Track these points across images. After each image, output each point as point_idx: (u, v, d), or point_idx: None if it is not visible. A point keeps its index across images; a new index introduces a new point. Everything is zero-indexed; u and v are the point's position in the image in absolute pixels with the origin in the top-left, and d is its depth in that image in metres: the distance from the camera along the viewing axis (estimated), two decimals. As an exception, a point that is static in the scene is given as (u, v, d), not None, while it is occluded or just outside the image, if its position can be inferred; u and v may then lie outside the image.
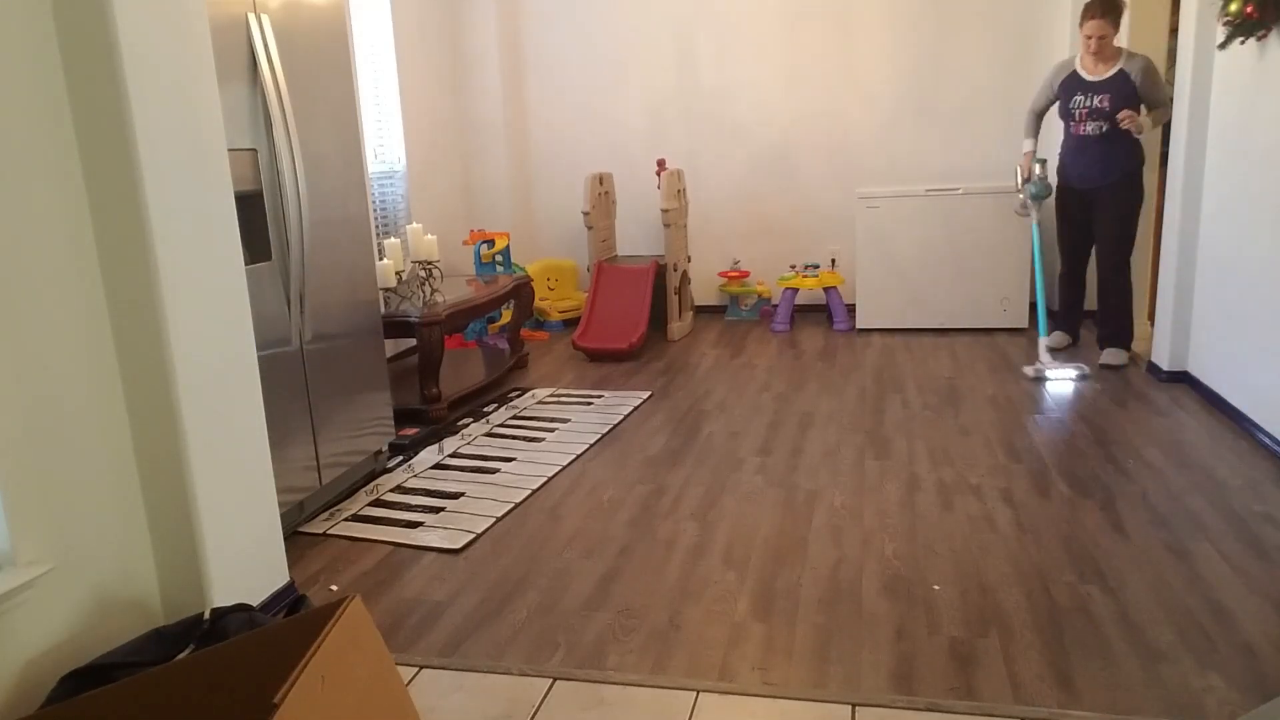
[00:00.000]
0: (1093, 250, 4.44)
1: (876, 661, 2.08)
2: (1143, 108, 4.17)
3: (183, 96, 2.02)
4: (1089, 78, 4.17)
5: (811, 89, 5.67)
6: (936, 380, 4.31)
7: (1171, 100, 4.06)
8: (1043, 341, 4.34)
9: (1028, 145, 4.53)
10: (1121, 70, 4.11)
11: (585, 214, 5.29)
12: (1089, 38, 4.07)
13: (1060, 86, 4.30)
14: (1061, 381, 4.17)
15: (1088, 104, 4.17)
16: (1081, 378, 4.18)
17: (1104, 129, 4.17)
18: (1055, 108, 4.40)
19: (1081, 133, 4.24)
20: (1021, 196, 4.46)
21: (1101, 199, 4.27)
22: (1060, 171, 4.45)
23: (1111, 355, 4.37)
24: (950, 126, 5.55)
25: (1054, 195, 4.53)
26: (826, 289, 5.54)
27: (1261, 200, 3.30)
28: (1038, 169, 4.35)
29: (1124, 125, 4.06)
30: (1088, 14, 4.05)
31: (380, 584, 2.57)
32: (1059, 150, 4.46)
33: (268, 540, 2.32)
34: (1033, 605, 2.28)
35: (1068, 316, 4.72)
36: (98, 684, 1.64)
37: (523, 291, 4.82)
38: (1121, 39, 4.82)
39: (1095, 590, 2.34)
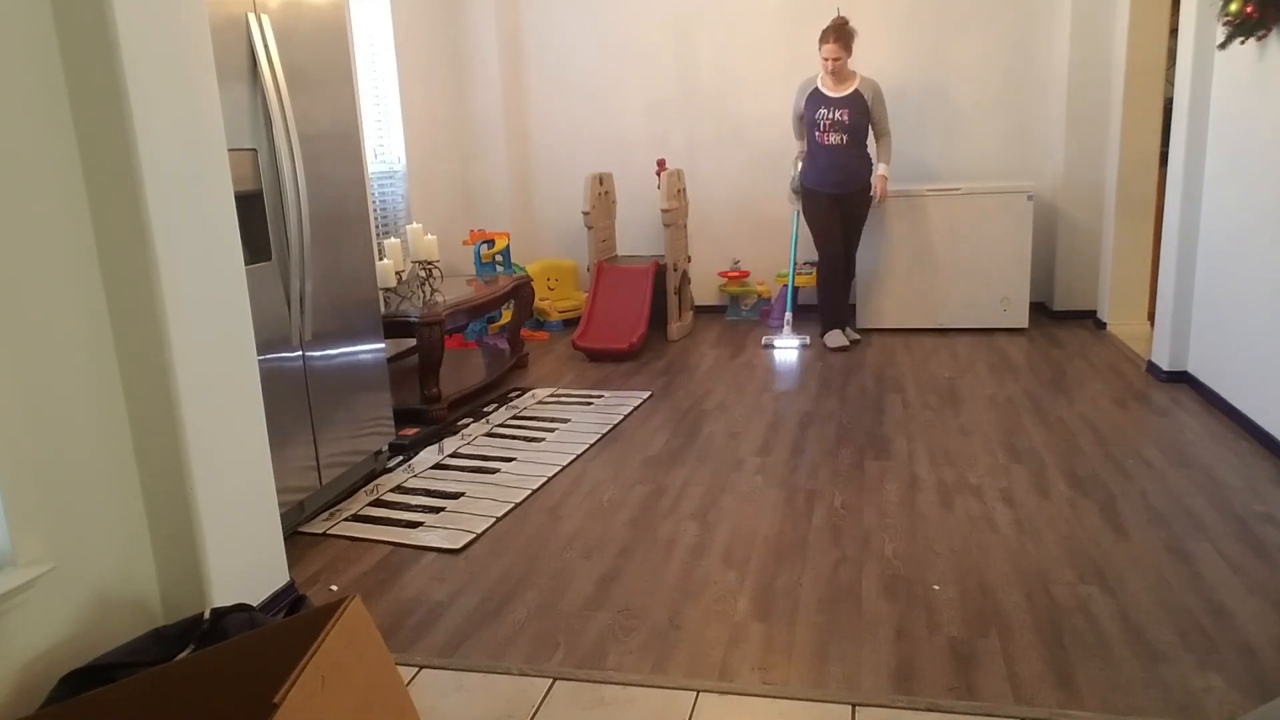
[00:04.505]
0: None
1: (876, 661, 2.08)
2: (882, 166, 4.86)
3: (183, 96, 2.02)
4: (830, 94, 4.73)
5: (811, 89, 5.66)
6: (936, 380, 4.31)
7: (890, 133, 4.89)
8: (787, 316, 5.11)
9: (802, 146, 4.96)
10: (857, 90, 4.71)
11: (585, 214, 5.29)
12: (826, 59, 4.65)
13: (806, 101, 4.79)
14: (787, 350, 4.96)
15: (830, 116, 4.71)
16: (803, 347, 4.99)
17: (845, 140, 4.73)
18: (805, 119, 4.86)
19: (826, 143, 4.76)
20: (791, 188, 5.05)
21: (845, 203, 4.85)
22: (808, 177, 4.87)
23: (838, 335, 4.97)
24: (950, 126, 5.55)
25: (809, 203, 4.91)
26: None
27: (1261, 200, 3.30)
28: (801, 166, 4.92)
29: (879, 199, 4.88)
30: (824, 39, 4.64)
31: (380, 584, 2.57)
32: (806, 165, 4.90)
33: (268, 540, 2.32)
34: (1033, 605, 2.28)
35: (839, 312, 5.02)
36: (98, 684, 1.65)
37: (523, 291, 4.82)
38: (1121, 39, 4.83)
39: (1095, 590, 2.34)
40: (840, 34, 4.63)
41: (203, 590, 2.09)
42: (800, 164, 4.93)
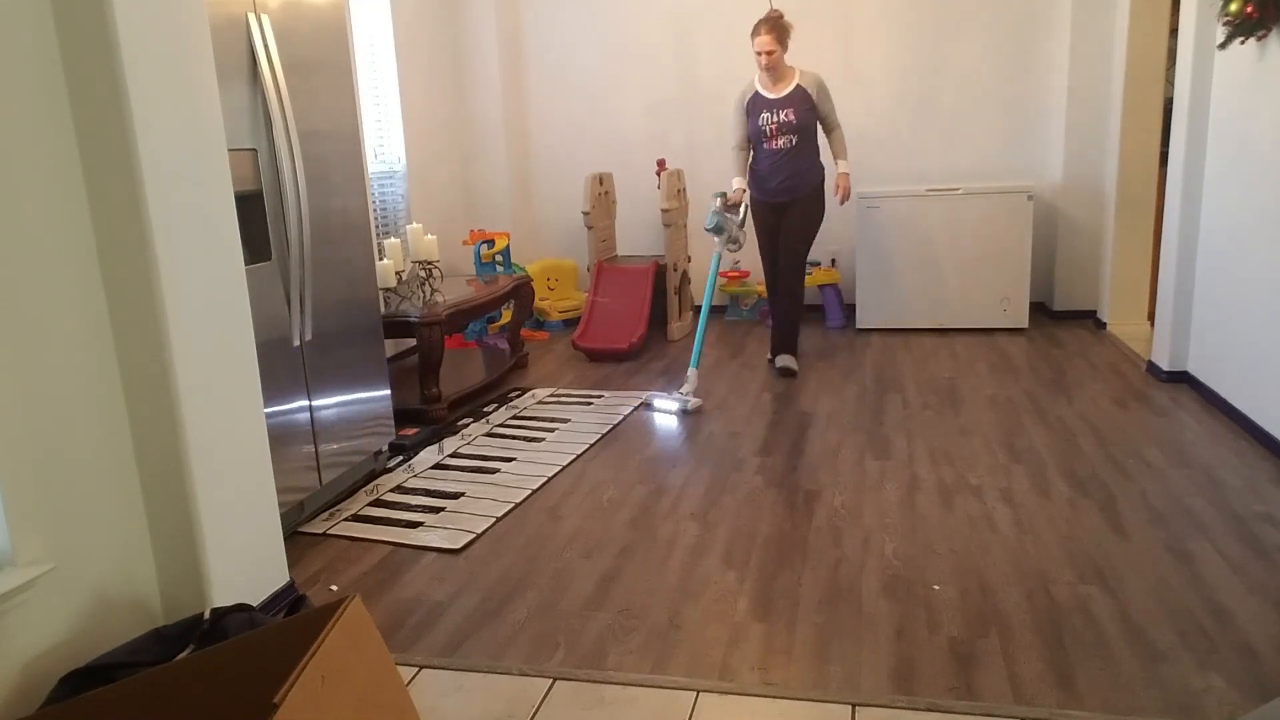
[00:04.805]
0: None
1: (876, 661, 2.08)
2: (841, 164, 4.43)
3: (183, 96, 2.02)
4: (771, 95, 4.33)
5: (811, 89, 5.67)
6: (936, 380, 4.31)
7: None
8: (692, 373, 4.14)
9: (741, 182, 4.43)
10: (799, 85, 4.31)
11: (585, 214, 5.29)
12: (759, 53, 4.24)
13: (748, 108, 4.39)
14: (666, 414, 3.96)
15: (775, 119, 4.31)
16: (684, 411, 3.95)
17: (794, 142, 4.33)
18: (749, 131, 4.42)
19: (774, 148, 4.36)
20: (724, 236, 4.30)
21: (791, 209, 4.42)
22: (756, 188, 4.48)
23: (787, 360, 4.52)
24: (950, 126, 5.54)
25: (752, 213, 4.48)
26: (822, 287, 5.54)
27: (1261, 200, 3.30)
28: (717, 203, 4.28)
29: (843, 200, 4.43)
30: (755, 32, 4.24)
31: (380, 584, 2.57)
32: (751, 173, 4.47)
33: (268, 540, 2.32)
34: (1033, 605, 2.28)
35: (788, 334, 4.57)
36: (98, 684, 1.65)
37: (523, 291, 4.82)
38: (1121, 39, 4.83)
39: (1095, 590, 2.34)
40: (774, 26, 4.24)
41: (203, 590, 2.09)
42: (725, 197, 4.32)
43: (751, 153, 4.47)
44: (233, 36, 2.57)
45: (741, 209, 4.37)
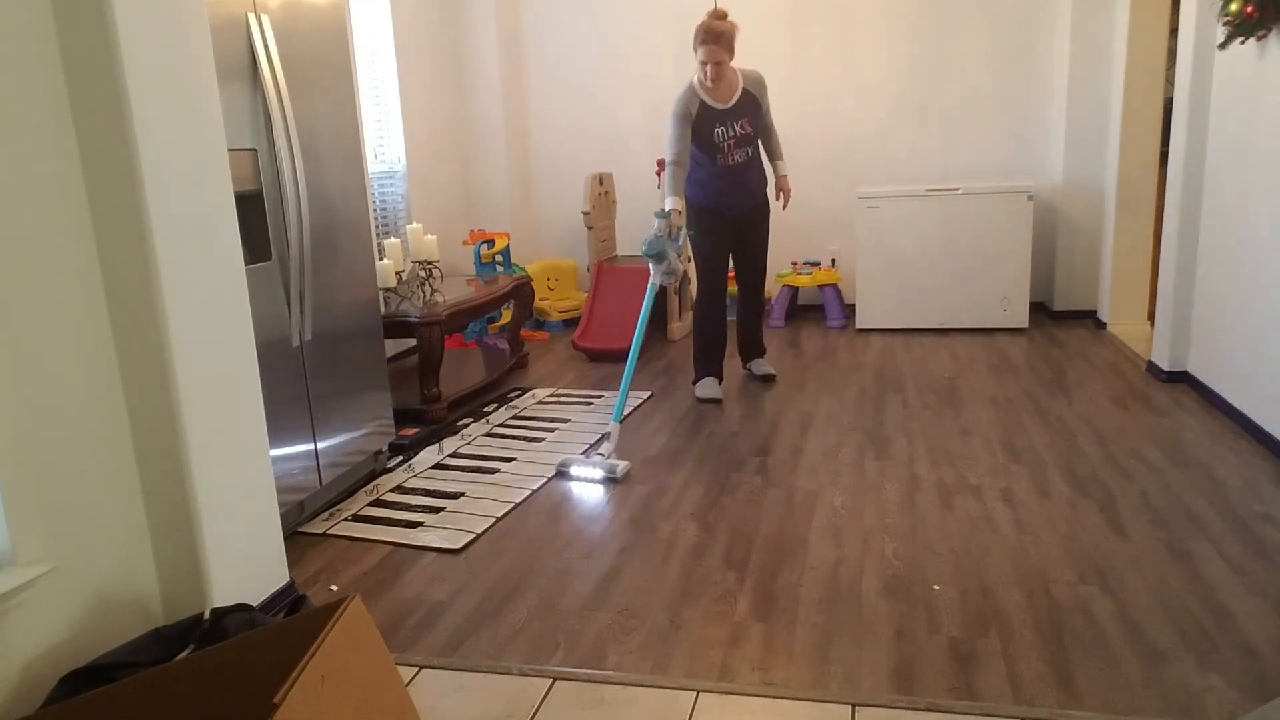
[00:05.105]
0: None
1: (876, 661, 2.08)
2: (781, 165, 4.15)
3: (183, 96, 2.02)
4: (722, 106, 3.88)
5: (811, 89, 5.67)
6: (936, 380, 4.31)
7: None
8: (613, 428, 3.44)
9: (678, 203, 3.77)
10: (745, 90, 3.91)
11: (585, 214, 5.29)
12: (704, 64, 3.75)
13: (699, 124, 3.88)
14: (589, 483, 3.26)
15: (731, 133, 3.91)
16: (610, 479, 3.27)
17: (750, 153, 4.00)
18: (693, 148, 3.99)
19: (731, 162, 3.96)
20: (665, 266, 3.71)
21: (750, 222, 4.14)
22: (712, 204, 4.05)
23: (766, 365, 4.50)
24: (950, 126, 5.54)
25: (701, 228, 4.08)
26: (822, 287, 5.54)
27: (1261, 200, 3.30)
28: (658, 225, 3.69)
29: (785, 204, 4.17)
30: (700, 41, 3.73)
31: (380, 584, 2.57)
32: (700, 187, 4.04)
33: (268, 540, 2.32)
34: (1033, 605, 2.28)
35: (716, 356, 4.23)
36: (98, 684, 1.64)
37: (523, 291, 4.82)
38: (1121, 39, 4.83)
39: (1095, 590, 2.34)
40: (719, 36, 3.71)
41: (203, 590, 2.09)
42: (668, 219, 3.71)
43: (700, 168, 4.01)
44: (233, 36, 2.57)
45: (681, 234, 3.81)
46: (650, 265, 3.71)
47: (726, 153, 3.95)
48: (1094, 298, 5.35)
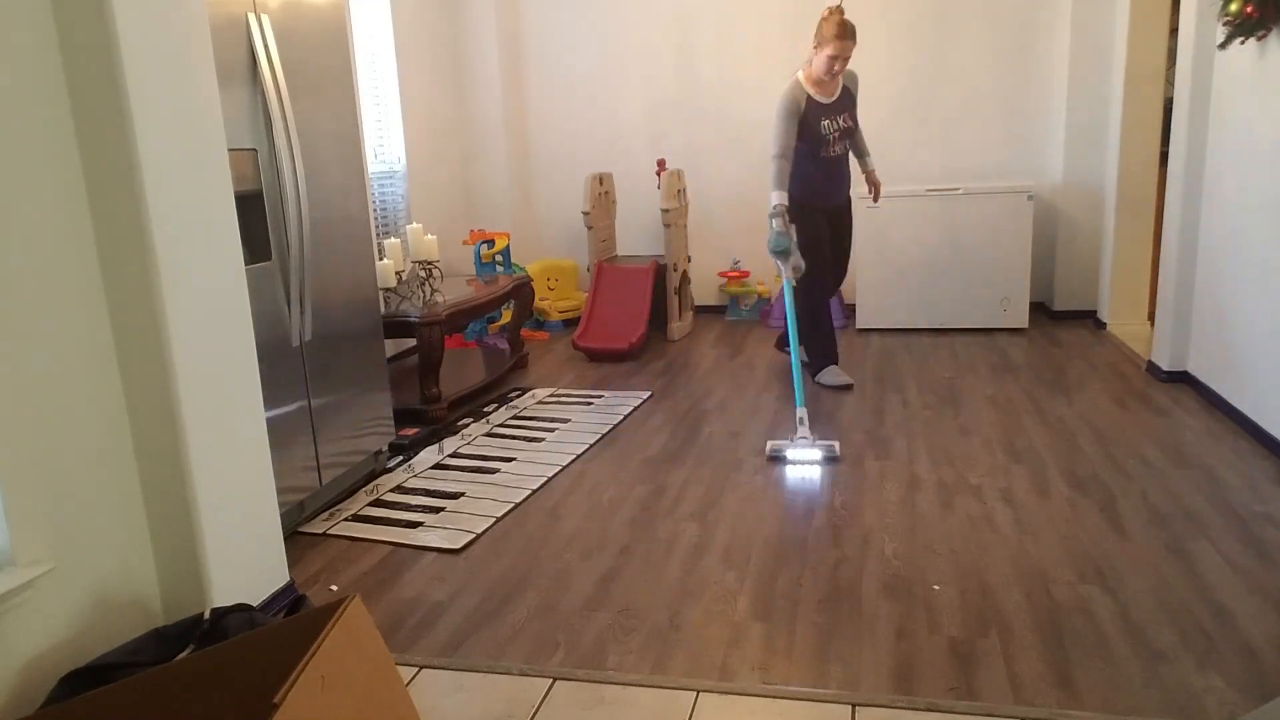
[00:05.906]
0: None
1: (876, 661, 2.08)
2: (870, 160, 4.32)
3: (183, 96, 2.02)
4: (826, 101, 4.00)
5: (811, 89, 5.67)
6: (936, 380, 4.30)
7: None
8: (800, 412, 3.47)
9: (783, 197, 3.83)
10: (845, 87, 4.06)
11: (585, 214, 5.30)
12: (835, 58, 3.81)
13: (806, 116, 3.96)
14: (807, 465, 3.29)
15: (836, 126, 4.04)
16: (830, 459, 3.33)
17: (845, 147, 4.15)
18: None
19: (833, 154, 4.10)
20: (791, 261, 3.78)
21: (843, 216, 4.29)
22: (813, 197, 4.13)
23: (843, 375, 4.27)
24: (950, 127, 5.55)
25: (809, 224, 4.12)
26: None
27: (1261, 200, 3.30)
28: (777, 223, 3.75)
29: (876, 198, 4.36)
30: (838, 35, 3.77)
31: (380, 584, 2.57)
32: (800, 182, 4.07)
33: (268, 540, 2.32)
34: (1033, 605, 2.28)
35: (834, 344, 4.30)
36: (98, 684, 1.64)
37: (523, 291, 4.82)
38: (1121, 39, 4.83)
39: (1095, 590, 2.34)
40: (854, 30, 3.81)
41: (203, 590, 2.09)
42: (784, 213, 3.80)
43: (803, 161, 4.06)
44: (233, 37, 2.57)
45: (791, 229, 3.86)
46: (778, 263, 3.77)
47: (830, 144, 4.07)
48: (1094, 298, 5.35)
